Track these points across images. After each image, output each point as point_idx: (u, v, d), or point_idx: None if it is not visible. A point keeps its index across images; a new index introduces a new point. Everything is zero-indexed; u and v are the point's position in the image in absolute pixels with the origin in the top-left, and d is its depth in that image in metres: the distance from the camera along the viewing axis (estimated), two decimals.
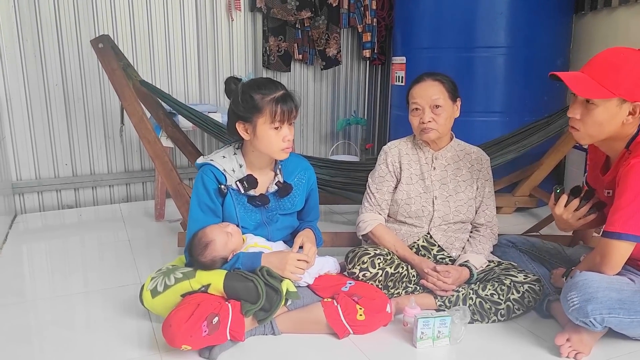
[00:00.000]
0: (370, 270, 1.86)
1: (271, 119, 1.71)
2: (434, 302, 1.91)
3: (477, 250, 2.02)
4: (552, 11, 3.14)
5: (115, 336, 1.79)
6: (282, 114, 1.71)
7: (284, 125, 1.74)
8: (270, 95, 1.71)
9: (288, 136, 1.75)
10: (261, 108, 1.71)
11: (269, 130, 1.73)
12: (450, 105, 2.01)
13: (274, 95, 1.72)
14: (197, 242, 1.74)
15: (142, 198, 3.57)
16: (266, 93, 1.72)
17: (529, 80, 3.12)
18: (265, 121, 1.72)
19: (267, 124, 1.72)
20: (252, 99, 1.71)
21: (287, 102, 1.73)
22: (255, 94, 1.72)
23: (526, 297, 1.85)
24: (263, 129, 1.73)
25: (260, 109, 1.71)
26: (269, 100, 1.71)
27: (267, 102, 1.71)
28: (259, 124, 1.73)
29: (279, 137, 1.74)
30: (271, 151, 1.77)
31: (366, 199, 2.14)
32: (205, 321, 1.57)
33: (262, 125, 1.72)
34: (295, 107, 1.75)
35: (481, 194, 2.10)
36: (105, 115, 3.36)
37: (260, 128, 1.73)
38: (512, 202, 3.18)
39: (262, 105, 1.71)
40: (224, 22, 3.58)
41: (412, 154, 2.12)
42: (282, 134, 1.74)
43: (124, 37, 3.30)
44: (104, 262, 2.49)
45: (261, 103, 1.71)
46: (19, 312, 1.99)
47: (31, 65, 3.11)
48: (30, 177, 3.25)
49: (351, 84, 4.21)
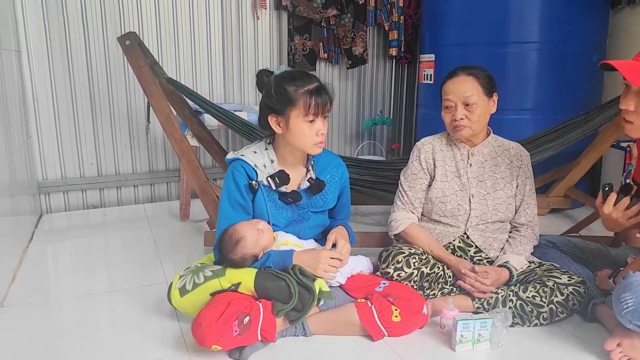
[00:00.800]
0: (405, 270, 1.78)
1: (305, 112, 1.65)
2: (471, 304, 1.82)
3: (517, 251, 1.93)
4: (587, 5, 3.03)
5: (141, 336, 1.74)
6: (316, 107, 1.65)
7: (317, 118, 1.68)
8: (304, 87, 1.66)
9: (322, 130, 1.69)
10: (295, 100, 1.65)
11: (302, 123, 1.67)
12: (485, 101, 1.92)
13: (308, 87, 1.66)
14: (228, 239, 1.69)
15: (166, 198, 3.54)
16: (300, 85, 1.66)
17: (564, 76, 3.02)
18: (299, 114, 1.66)
19: (300, 116, 1.66)
20: (285, 91, 1.66)
21: (322, 95, 1.67)
22: (289, 86, 1.66)
23: (570, 300, 1.75)
24: (296, 122, 1.67)
25: (294, 102, 1.65)
26: (302, 92, 1.65)
27: (300, 94, 1.65)
28: (292, 117, 1.67)
29: (313, 130, 1.68)
30: (304, 145, 1.71)
31: (398, 197, 2.06)
32: (236, 321, 1.51)
33: (296, 119, 1.67)
34: (329, 100, 1.69)
35: (522, 191, 2.00)
36: (131, 115, 3.34)
37: (293, 121, 1.67)
38: (546, 203, 3.06)
39: (296, 97, 1.65)
40: (250, 20, 3.54)
41: (447, 150, 2.03)
42: (315, 127, 1.68)
43: (149, 35, 3.29)
44: (129, 262, 2.45)
45: (295, 95, 1.65)
46: (44, 310, 1.96)
47: (58, 65, 3.11)
48: (56, 176, 3.24)
49: (377, 83, 4.13)
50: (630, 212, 1.65)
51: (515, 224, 2.02)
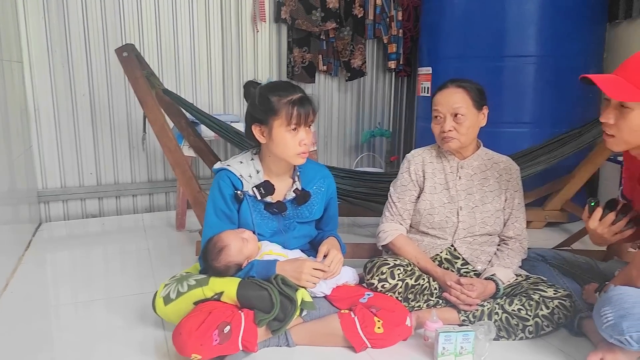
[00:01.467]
0: (389, 282, 1.78)
1: (287, 121, 1.67)
2: (457, 317, 1.81)
3: (504, 264, 1.92)
4: (584, 19, 3.04)
5: (123, 343, 1.75)
6: (298, 117, 1.67)
7: (300, 128, 1.70)
8: (287, 97, 1.68)
9: (305, 140, 1.71)
10: (277, 110, 1.67)
11: (285, 132, 1.68)
12: (475, 114, 1.92)
13: (291, 97, 1.68)
14: (212, 247, 1.70)
15: (164, 208, 3.57)
16: (283, 95, 1.68)
17: (561, 90, 3.01)
18: (281, 123, 1.68)
19: (283, 126, 1.68)
20: (268, 100, 1.68)
21: (305, 105, 1.68)
22: (272, 96, 1.68)
23: (556, 313, 1.74)
24: (279, 131, 1.69)
25: (276, 111, 1.67)
26: (285, 102, 1.67)
27: (283, 104, 1.67)
28: (275, 127, 1.69)
29: (296, 140, 1.70)
30: (287, 155, 1.72)
31: (387, 208, 2.07)
32: (216, 330, 1.52)
33: (278, 128, 1.68)
34: (312, 110, 1.71)
35: (510, 205, 2.00)
36: (130, 126, 3.38)
37: (276, 130, 1.69)
38: (542, 217, 3.05)
39: (279, 107, 1.67)
40: (249, 32, 3.59)
41: (437, 162, 2.04)
42: (298, 137, 1.70)
43: (150, 47, 3.34)
44: (121, 271, 2.47)
45: (277, 105, 1.67)
46: (39, 316, 1.98)
47: (59, 76, 3.17)
48: (56, 185, 3.28)
49: (376, 96, 4.16)
50: (615, 228, 1.65)
51: (504, 238, 2.01)
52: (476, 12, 3.08)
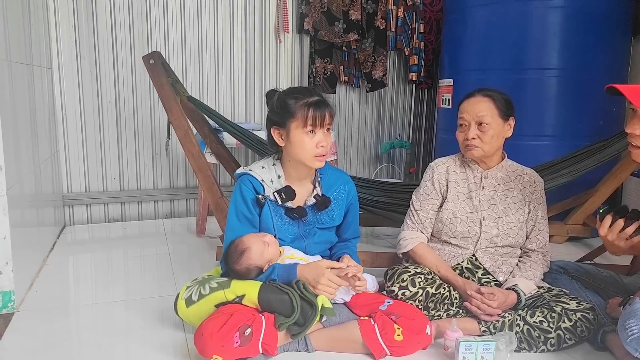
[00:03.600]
0: (410, 289, 1.78)
1: (304, 123, 1.69)
2: (477, 328, 1.80)
3: (526, 276, 1.90)
4: (608, 33, 3.02)
5: (149, 344, 1.78)
6: (314, 118, 1.69)
7: (318, 130, 1.71)
8: (304, 99, 1.70)
9: (322, 142, 1.72)
10: (294, 112, 1.70)
11: (302, 135, 1.70)
12: (500, 124, 1.92)
13: (308, 100, 1.70)
14: (233, 250, 1.72)
15: (185, 214, 3.61)
16: (300, 98, 1.71)
17: (584, 103, 2.99)
18: (298, 125, 1.70)
19: (300, 128, 1.70)
20: (286, 104, 1.71)
21: (321, 107, 1.71)
22: (290, 99, 1.71)
23: (579, 326, 1.72)
24: (296, 133, 1.71)
25: (293, 113, 1.70)
26: (301, 104, 1.70)
27: (299, 106, 1.70)
28: (292, 129, 1.71)
29: (313, 142, 1.71)
30: (304, 158, 1.73)
31: (409, 216, 2.07)
32: (237, 332, 1.53)
33: (295, 130, 1.71)
34: (329, 113, 1.72)
35: (533, 217, 1.99)
36: (154, 133, 3.44)
37: (293, 132, 1.71)
38: (565, 231, 3.02)
39: (295, 109, 1.70)
40: (272, 43, 3.63)
41: (460, 171, 2.04)
42: (316, 139, 1.71)
43: (175, 55, 3.40)
44: (144, 274, 2.51)
45: (294, 107, 1.70)
46: (57, 317, 2.01)
47: (87, 82, 3.24)
48: (80, 190, 3.35)
49: (396, 107, 4.17)
50: (624, 235, 1.61)
51: (526, 250, 2.00)
52: (498, 24, 3.09)
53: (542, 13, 2.96)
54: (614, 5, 3.01)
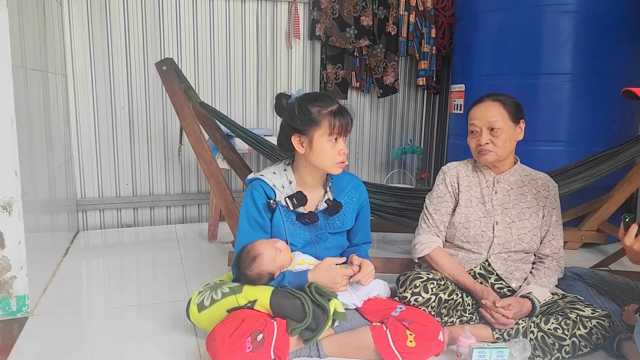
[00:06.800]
0: (422, 295, 1.77)
1: (329, 131, 1.70)
2: (490, 334, 1.79)
3: (541, 283, 1.88)
4: (621, 37, 2.99)
5: (161, 349, 1.78)
6: (340, 127, 1.70)
7: (340, 138, 1.73)
8: (328, 108, 1.71)
9: (344, 149, 1.74)
10: (319, 121, 1.70)
11: (326, 143, 1.71)
12: (511, 127, 1.91)
13: (331, 108, 1.71)
14: (245, 255, 1.72)
15: (197, 220, 3.62)
16: (323, 106, 1.72)
17: (598, 108, 2.96)
18: (323, 134, 1.71)
19: (324, 136, 1.71)
20: (309, 111, 1.71)
21: (344, 115, 1.72)
22: (312, 107, 1.72)
23: (594, 334, 1.69)
24: (320, 141, 1.72)
25: (318, 122, 1.70)
26: (326, 112, 1.70)
27: (324, 114, 1.70)
28: (316, 137, 1.71)
29: (335, 150, 1.73)
30: (326, 165, 1.75)
31: (423, 219, 2.05)
32: (249, 337, 1.53)
33: (320, 138, 1.71)
34: (351, 121, 1.74)
35: (547, 223, 1.97)
36: (166, 139, 3.46)
37: (317, 141, 1.72)
38: (579, 237, 2.98)
39: (320, 118, 1.70)
40: (284, 49, 3.65)
41: (472, 176, 2.02)
42: (338, 147, 1.73)
43: (187, 62, 3.42)
44: (156, 279, 2.52)
45: (318, 116, 1.70)
46: (70, 321, 2.03)
47: (100, 89, 3.28)
48: (94, 195, 3.37)
49: (408, 113, 4.16)
50: None
51: (540, 256, 1.98)
52: (510, 29, 3.07)
53: (554, 18, 2.95)
54: (627, 9, 2.99)
